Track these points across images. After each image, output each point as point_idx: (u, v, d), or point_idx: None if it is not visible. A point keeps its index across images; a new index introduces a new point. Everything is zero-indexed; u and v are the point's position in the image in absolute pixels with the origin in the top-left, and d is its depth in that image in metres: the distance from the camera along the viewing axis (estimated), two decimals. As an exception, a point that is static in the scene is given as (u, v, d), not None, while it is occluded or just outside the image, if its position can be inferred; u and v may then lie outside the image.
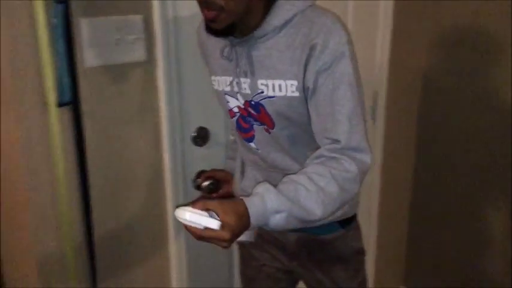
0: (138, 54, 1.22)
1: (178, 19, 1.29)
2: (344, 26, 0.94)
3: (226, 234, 0.82)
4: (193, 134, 1.39)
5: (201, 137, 1.41)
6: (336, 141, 0.94)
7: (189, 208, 0.82)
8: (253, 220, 0.86)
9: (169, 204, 1.38)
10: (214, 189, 1.34)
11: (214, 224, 0.81)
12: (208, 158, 1.43)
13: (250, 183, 1.15)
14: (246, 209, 0.86)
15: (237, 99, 1.07)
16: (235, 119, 1.10)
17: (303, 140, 1.05)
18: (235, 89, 1.05)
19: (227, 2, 0.88)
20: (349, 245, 1.20)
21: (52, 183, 1.12)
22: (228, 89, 1.07)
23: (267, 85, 1.00)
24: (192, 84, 1.36)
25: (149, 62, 1.25)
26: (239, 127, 1.11)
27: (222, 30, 0.95)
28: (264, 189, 0.89)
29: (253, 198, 0.88)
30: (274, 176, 1.09)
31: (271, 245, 1.23)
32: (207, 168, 1.39)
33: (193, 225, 0.81)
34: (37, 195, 1.11)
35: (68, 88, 1.08)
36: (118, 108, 1.22)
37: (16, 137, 1.07)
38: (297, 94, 0.97)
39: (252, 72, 1.00)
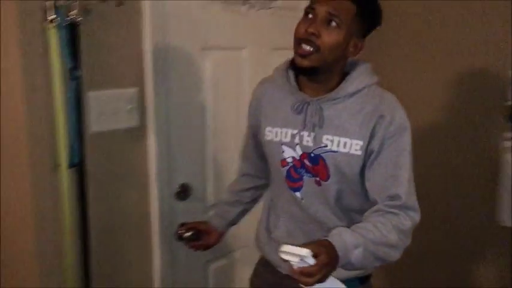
0: (133, 121, 1.42)
1: (168, 90, 1.50)
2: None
3: (319, 268, 0.94)
4: (177, 190, 1.58)
5: (184, 191, 1.59)
6: (397, 198, 1.12)
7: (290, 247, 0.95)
8: (341, 254, 0.99)
9: (156, 248, 1.54)
10: (195, 239, 1.47)
11: (309, 258, 0.93)
12: (189, 210, 1.61)
13: (283, 234, 1.28)
14: (332, 245, 1.00)
15: (294, 150, 1.22)
16: (286, 168, 1.24)
17: (348, 196, 1.21)
18: (296, 140, 1.21)
19: (324, 44, 1.10)
20: None
21: (57, 233, 1.27)
22: (287, 140, 1.23)
23: (332, 140, 1.17)
24: (178, 146, 1.56)
25: (141, 127, 1.45)
26: (288, 176, 1.24)
27: (308, 69, 1.13)
28: (338, 230, 1.06)
29: (332, 237, 1.03)
30: (311, 227, 1.24)
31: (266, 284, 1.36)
32: (188, 220, 1.57)
33: (290, 258, 0.94)
34: (44, 244, 1.26)
35: (77, 151, 1.25)
36: (114, 167, 1.40)
37: (27, 192, 1.23)
38: (359, 153, 1.15)
39: (319, 127, 1.18)
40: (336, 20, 1.11)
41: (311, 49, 1.11)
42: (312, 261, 0.94)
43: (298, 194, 1.24)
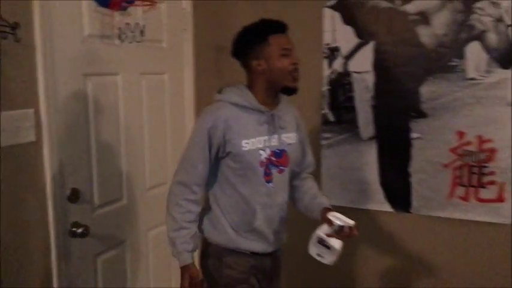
0: (31, 136, 1.68)
1: (57, 110, 1.79)
2: None
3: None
4: (68, 193, 1.86)
5: (74, 195, 1.88)
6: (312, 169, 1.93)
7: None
8: None
9: (53, 244, 1.79)
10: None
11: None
12: (80, 211, 1.90)
13: (263, 222, 1.70)
14: None
15: (265, 151, 1.66)
16: (263, 168, 1.66)
17: (289, 176, 1.77)
18: (267, 144, 1.67)
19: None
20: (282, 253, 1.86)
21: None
22: (261, 145, 1.66)
23: (288, 137, 1.74)
24: (68, 157, 1.84)
25: (38, 142, 1.72)
26: (265, 173, 1.67)
27: (296, 89, 1.68)
28: (326, 200, 1.78)
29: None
30: (276, 211, 1.73)
31: (256, 275, 1.73)
32: (79, 220, 1.86)
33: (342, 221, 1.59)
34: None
35: (-13, 163, 1.49)
36: (17, 175, 1.64)
37: None
38: (297, 141, 1.77)
39: (280, 131, 1.70)
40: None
41: (298, 75, 1.67)
42: (352, 223, 1.59)
43: (271, 184, 1.69)
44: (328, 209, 1.71)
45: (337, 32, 2.41)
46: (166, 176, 2.41)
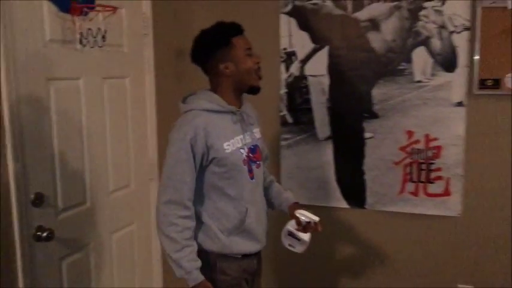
0: (-6, 141, 1.69)
1: (20, 115, 1.79)
2: None
3: None
4: (32, 198, 1.86)
5: (38, 199, 1.88)
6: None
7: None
8: None
9: (18, 249, 1.80)
10: None
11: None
12: (44, 215, 1.91)
13: (254, 219, 1.73)
14: None
15: (244, 149, 1.70)
16: (246, 166, 1.70)
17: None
18: (243, 142, 1.71)
19: None
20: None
21: None
22: (240, 144, 1.70)
23: (256, 132, 1.81)
24: (31, 162, 1.85)
25: (1, 148, 1.72)
26: (249, 170, 1.71)
27: (260, 87, 1.74)
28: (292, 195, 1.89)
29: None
30: (262, 205, 1.81)
31: (246, 278, 1.78)
32: (43, 224, 1.87)
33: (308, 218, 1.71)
34: None
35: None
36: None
37: None
38: (261, 135, 1.84)
39: (250, 127, 1.77)
40: None
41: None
42: (317, 219, 1.72)
43: (254, 180, 1.73)
44: (295, 205, 1.81)
45: (294, 37, 2.53)
46: (129, 178, 2.45)
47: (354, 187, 2.53)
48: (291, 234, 1.77)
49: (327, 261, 2.64)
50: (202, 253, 1.70)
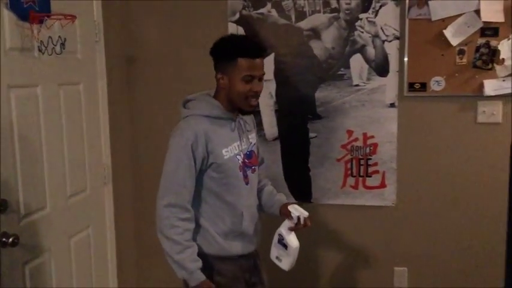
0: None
1: None
2: None
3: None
4: (-4, 204, 1.88)
5: (2, 205, 1.90)
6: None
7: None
8: None
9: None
10: None
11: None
12: (8, 220, 1.92)
13: (249, 223, 1.83)
14: None
15: (240, 156, 1.78)
16: (242, 172, 1.78)
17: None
18: (240, 148, 1.79)
19: (260, 92, 1.77)
20: None
21: None
22: (236, 151, 1.77)
23: (252, 137, 1.87)
24: None
25: (-34, 154, 1.73)
26: (244, 175, 1.79)
27: (253, 111, 1.87)
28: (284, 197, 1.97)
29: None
30: (255, 208, 1.89)
31: (244, 277, 1.86)
32: (7, 230, 1.89)
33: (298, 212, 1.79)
34: None
35: None
36: None
37: None
38: (256, 140, 1.92)
39: (246, 133, 1.83)
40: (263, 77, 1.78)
41: (256, 100, 1.76)
42: (307, 214, 1.81)
43: (248, 185, 1.81)
44: (286, 204, 1.89)
45: (242, 44, 2.68)
46: (85, 182, 2.49)
47: (300, 183, 2.73)
48: (280, 240, 1.84)
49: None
50: (199, 256, 1.76)
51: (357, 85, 2.61)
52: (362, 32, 2.58)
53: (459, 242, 2.62)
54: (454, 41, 2.45)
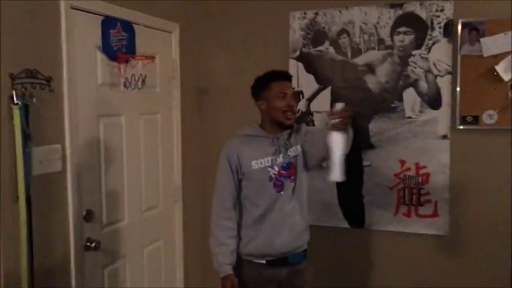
0: (58, 166, 2.07)
1: (78, 145, 2.19)
2: None
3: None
4: (84, 214, 2.24)
5: (89, 215, 2.25)
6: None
7: None
8: None
9: (72, 255, 2.16)
10: None
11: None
12: (93, 228, 2.28)
13: (272, 226, 2.05)
14: None
15: (273, 168, 2.05)
16: (272, 181, 2.05)
17: (305, 181, 2.14)
18: (274, 162, 2.06)
19: (296, 108, 2.12)
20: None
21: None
22: (269, 164, 2.06)
23: (291, 151, 2.10)
24: (85, 183, 2.23)
25: (63, 171, 2.10)
26: (275, 185, 2.05)
27: (292, 125, 2.10)
28: None
29: None
30: (290, 219, 2.08)
31: (269, 284, 2.07)
32: (92, 236, 2.24)
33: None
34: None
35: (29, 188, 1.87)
36: (46, 198, 2.02)
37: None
38: (299, 152, 2.11)
39: (284, 150, 2.08)
40: (296, 96, 2.15)
41: (293, 114, 2.07)
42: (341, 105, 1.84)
43: (282, 192, 2.06)
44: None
45: (301, 78, 2.93)
46: (158, 200, 2.82)
47: (354, 210, 2.88)
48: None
49: (333, 275, 2.96)
50: (239, 259, 2.11)
51: (409, 117, 2.74)
52: (415, 68, 2.72)
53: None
54: (506, 76, 2.52)
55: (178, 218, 3.02)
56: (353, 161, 2.84)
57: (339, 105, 1.84)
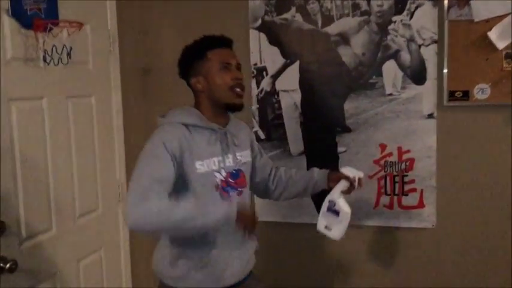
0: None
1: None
2: None
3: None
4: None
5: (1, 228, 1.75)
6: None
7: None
8: None
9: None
10: None
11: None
12: (6, 244, 1.77)
13: (223, 251, 1.56)
14: None
15: (220, 173, 1.54)
16: (219, 191, 1.53)
17: (249, 196, 1.70)
18: (222, 165, 1.55)
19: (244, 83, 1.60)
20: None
21: None
22: (215, 167, 1.53)
23: (241, 155, 1.63)
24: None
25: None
26: (221, 196, 1.54)
27: (242, 106, 1.58)
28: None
29: None
30: (235, 239, 1.58)
31: None
32: (6, 254, 1.74)
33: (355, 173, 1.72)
34: None
35: None
36: None
37: None
38: (250, 159, 1.69)
39: (234, 149, 1.59)
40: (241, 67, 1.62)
41: (242, 91, 1.57)
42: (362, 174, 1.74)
43: None
44: (332, 171, 1.76)
45: (264, 52, 2.50)
46: (96, 201, 2.33)
47: (328, 202, 2.50)
48: (330, 207, 1.69)
49: (304, 276, 2.59)
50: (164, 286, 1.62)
51: (390, 94, 2.37)
52: (396, 36, 2.34)
53: (507, 266, 2.32)
54: (500, 44, 2.19)
55: (123, 221, 2.54)
56: (326, 146, 2.46)
57: (357, 173, 1.74)
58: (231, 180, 1.58)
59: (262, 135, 2.53)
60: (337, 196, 1.71)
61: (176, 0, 2.58)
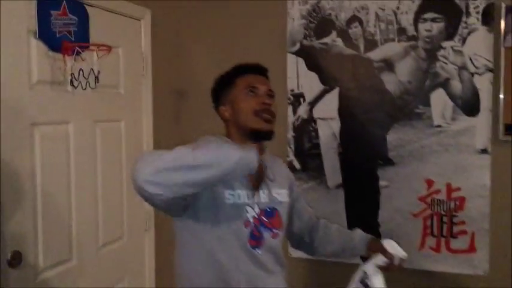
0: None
1: (3, 162, 1.61)
2: None
3: None
4: (9, 257, 1.65)
5: (15, 259, 1.66)
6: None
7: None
8: None
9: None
10: None
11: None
12: (21, 276, 1.69)
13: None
14: None
15: (253, 209, 1.34)
16: (249, 229, 1.32)
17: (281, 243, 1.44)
18: (255, 199, 1.35)
19: (275, 112, 1.39)
20: None
21: None
22: (247, 200, 1.33)
23: (279, 193, 1.42)
24: (10, 215, 1.65)
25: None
26: (252, 236, 1.33)
27: (271, 133, 1.39)
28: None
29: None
30: (263, 277, 1.35)
31: None
32: (21, 287, 1.65)
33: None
34: None
35: None
36: None
37: None
38: (288, 199, 1.47)
39: (269, 184, 1.40)
40: (274, 95, 1.46)
41: (271, 117, 1.39)
42: (405, 255, 1.51)
43: (258, 251, 1.35)
44: (377, 240, 1.55)
45: (301, 78, 2.36)
46: (122, 229, 2.23)
47: (368, 241, 2.30)
48: (363, 279, 1.48)
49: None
50: None
51: (438, 126, 2.17)
52: (446, 63, 2.15)
53: None
54: None
55: (150, 251, 2.43)
56: (366, 179, 2.28)
57: (400, 252, 1.53)
58: (264, 219, 1.37)
59: (297, 165, 2.38)
60: (372, 271, 1.48)
61: (212, 22, 2.50)
